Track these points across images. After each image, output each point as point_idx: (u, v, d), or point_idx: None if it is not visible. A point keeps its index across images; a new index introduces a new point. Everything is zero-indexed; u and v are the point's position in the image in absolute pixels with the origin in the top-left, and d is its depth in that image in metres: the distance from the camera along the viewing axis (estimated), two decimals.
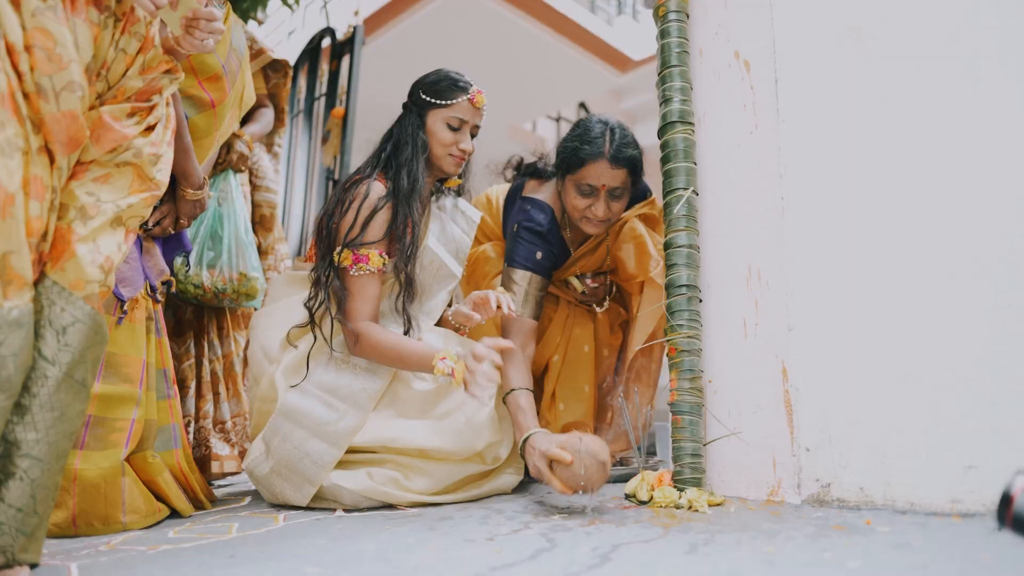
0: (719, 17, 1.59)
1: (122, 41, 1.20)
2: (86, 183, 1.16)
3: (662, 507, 1.37)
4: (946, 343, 1.20)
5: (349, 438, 1.54)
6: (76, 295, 1.08)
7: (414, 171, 1.69)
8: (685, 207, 1.51)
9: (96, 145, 1.17)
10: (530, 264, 1.89)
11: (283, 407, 1.56)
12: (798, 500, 1.30)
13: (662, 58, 1.60)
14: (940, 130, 1.27)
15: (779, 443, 1.35)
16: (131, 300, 1.47)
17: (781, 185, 1.42)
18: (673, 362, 1.47)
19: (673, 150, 1.54)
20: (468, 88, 1.72)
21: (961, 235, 1.22)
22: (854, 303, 1.30)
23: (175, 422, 1.62)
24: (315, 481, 1.52)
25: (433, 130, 1.73)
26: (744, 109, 1.51)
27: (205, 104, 1.68)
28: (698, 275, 1.51)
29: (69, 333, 1.07)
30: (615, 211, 1.86)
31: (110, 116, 1.18)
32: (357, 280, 1.61)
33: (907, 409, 1.22)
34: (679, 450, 1.44)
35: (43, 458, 1.03)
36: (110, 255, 1.14)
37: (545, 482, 1.39)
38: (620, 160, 1.79)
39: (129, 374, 1.45)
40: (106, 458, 1.39)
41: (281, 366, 1.63)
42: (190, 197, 1.66)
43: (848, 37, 1.38)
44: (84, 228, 1.12)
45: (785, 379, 1.36)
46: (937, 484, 1.16)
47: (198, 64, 1.64)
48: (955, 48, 1.27)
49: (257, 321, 1.77)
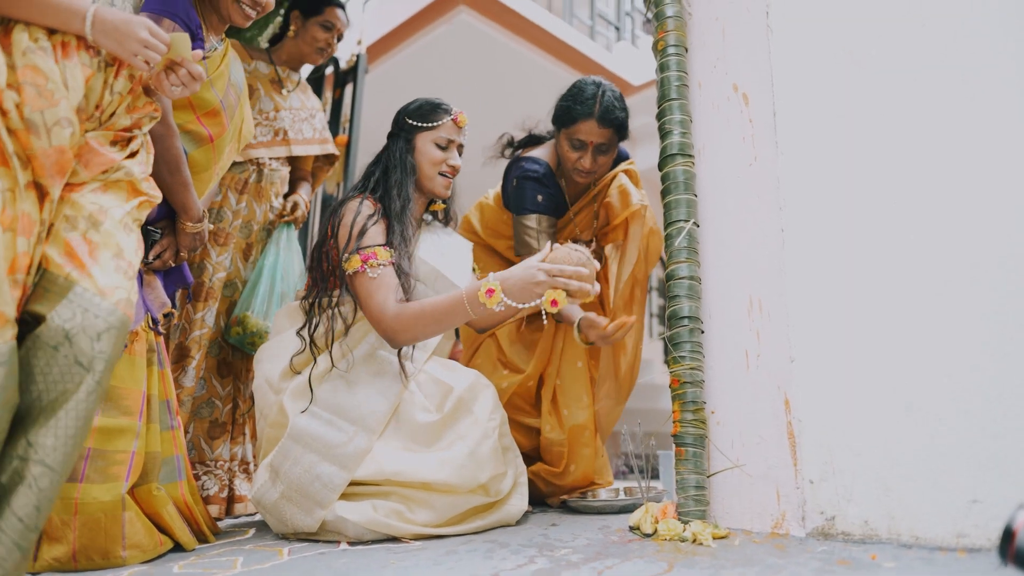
0: (717, 50, 1.61)
1: (116, 85, 1.26)
2: (86, 194, 1.21)
3: (667, 540, 1.36)
4: (948, 374, 1.21)
5: (359, 460, 1.54)
6: (108, 300, 1.11)
7: (404, 191, 1.78)
8: (686, 239, 1.52)
9: (86, 169, 1.22)
10: (537, 207, 2.13)
11: (293, 430, 1.57)
12: (803, 533, 1.30)
13: (661, 91, 1.62)
14: (937, 158, 1.28)
15: (783, 475, 1.35)
16: (131, 333, 1.48)
17: (780, 216, 1.43)
18: (676, 393, 1.48)
19: (674, 182, 1.56)
20: (451, 110, 1.88)
21: (961, 265, 1.23)
22: (855, 333, 1.31)
23: (179, 453, 1.62)
24: (325, 504, 1.51)
25: (423, 151, 1.85)
26: (743, 141, 1.53)
27: (203, 139, 1.71)
28: (700, 306, 1.52)
29: (103, 339, 1.10)
30: (601, 164, 2.12)
31: (96, 142, 1.23)
32: (373, 279, 1.63)
33: (910, 441, 1.22)
34: (683, 482, 1.44)
35: (55, 468, 1.04)
36: (131, 260, 1.19)
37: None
38: (607, 121, 2.05)
39: (128, 406, 1.46)
40: (107, 491, 1.39)
41: (288, 391, 1.64)
42: (190, 230, 1.68)
43: (845, 69, 1.39)
44: (98, 234, 1.17)
45: (788, 410, 1.36)
46: (942, 518, 1.16)
47: (196, 100, 1.68)
48: (954, 82, 1.29)
49: (260, 355, 1.78)
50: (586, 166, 2.09)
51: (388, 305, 1.61)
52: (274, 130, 2.35)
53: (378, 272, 1.64)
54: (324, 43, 2.43)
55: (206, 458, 2.10)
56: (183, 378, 2.03)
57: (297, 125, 2.42)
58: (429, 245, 1.88)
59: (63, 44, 1.20)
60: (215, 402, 2.14)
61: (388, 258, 1.66)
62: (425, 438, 1.62)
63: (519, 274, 1.52)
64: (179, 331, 2.08)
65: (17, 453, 1.02)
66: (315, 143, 2.48)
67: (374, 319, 1.63)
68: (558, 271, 1.50)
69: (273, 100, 2.37)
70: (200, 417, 2.11)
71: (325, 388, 1.63)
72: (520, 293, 1.51)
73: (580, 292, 1.51)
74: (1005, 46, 1.26)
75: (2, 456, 1.02)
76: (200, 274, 2.12)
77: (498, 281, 1.53)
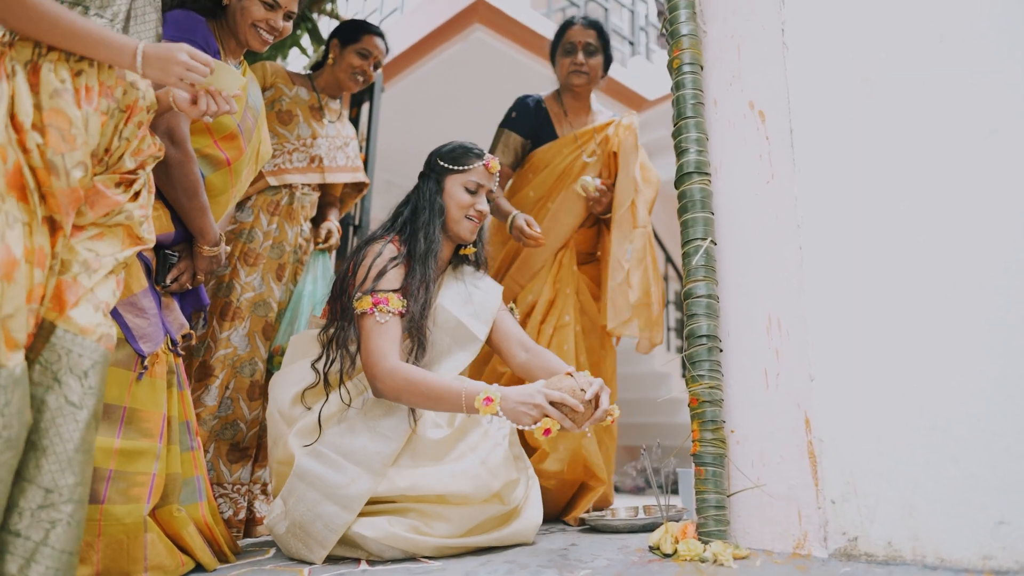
0: (733, 67, 1.62)
1: (126, 131, 1.32)
2: (83, 240, 1.26)
3: (687, 560, 1.35)
4: (972, 394, 1.19)
5: (361, 502, 1.53)
6: (90, 339, 1.16)
7: (431, 233, 1.78)
8: (704, 257, 1.52)
9: (92, 210, 1.27)
10: (508, 122, 2.60)
11: (297, 469, 1.57)
12: (825, 554, 1.28)
13: (677, 109, 1.63)
14: (955, 174, 1.27)
15: (804, 495, 1.34)
16: (151, 356, 1.50)
17: (798, 234, 1.42)
18: (695, 412, 1.47)
19: (690, 200, 1.56)
20: (483, 155, 1.87)
21: (985, 283, 1.22)
22: (876, 352, 1.30)
23: (199, 474, 1.63)
24: (326, 544, 1.52)
25: (451, 193, 1.84)
26: (760, 159, 1.53)
27: (221, 163, 1.73)
28: (718, 325, 1.51)
29: (91, 376, 1.16)
30: (592, 66, 2.56)
31: (103, 185, 1.28)
32: (380, 324, 1.63)
33: (934, 461, 1.20)
34: (703, 502, 1.43)
35: (82, 500, 1.11)
36: (107, 300, 1.24)
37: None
38: (588, 23, 2.59)
39: (149, 429, 1.47)
40: (128, 513, 1.40)
41: (295, 428, 1.65)
42: (207, 254, 1.70)
43: (861, 85, 1.39)
44: (89, 280, 1.22)
45: (808, 430, 1.35)
46: (968, 539, 1.14)
47: (214, 124, 1.70)
48: (969, 99, 1.28)
49: (274, 382, 1.79)
50: (580, 60, 2.52)
51: (389, 356, 1.60)
52: (310, 156, 2.39)
53: (386, 318, 1.63)
54: (360, 70, 2.47)
55: (224, 480, 2.11)
56: (205, 396, 2.04)
57: (332, 153, 2.47)
58: (454, 293, 1.86)
59: (87, 88, 1.25)
60: (239, 424, 2.13)
61: (399, 307, 1.66)
62: (436, 452, 1.63)
63: (519, 395, 1.49)
64: (204, 349, 2.10)
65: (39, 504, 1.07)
66: (348, 171, 2.53)
67: (368, 363, 1.62)
68: (559, 399, 1.46)
69: (311, 127, 2.41)
70: (222, 438, 2.11)
71: (332, 427, 1.64)
72: (515, 412, 1.48)
73: (572, 428, 1.48)
74: (1018, 60, 1.25)
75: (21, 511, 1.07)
76: (228, 293, 2.14)
77: (499, 394, 1.50)
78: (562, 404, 1.46)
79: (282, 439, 1.67)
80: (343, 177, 2.51)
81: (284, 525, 1.58)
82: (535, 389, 1.49)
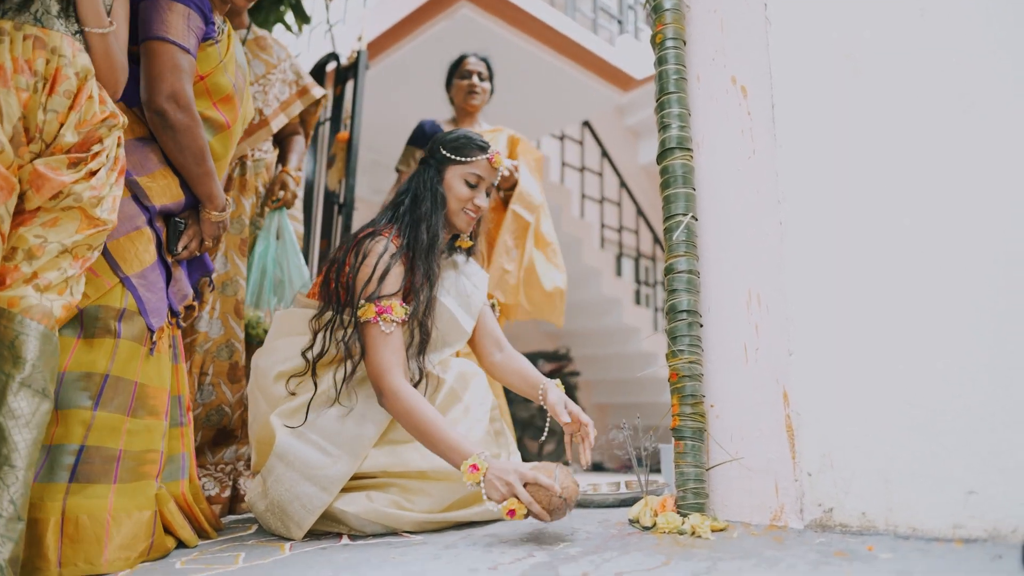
0: (715, 42, 1.61)
1: (51, 103, 1.25)
2: (34, 227, 1.24)
3: (665, 533, 1.37)
4: (947, 368, 1.21)
5: (340, 484, 1.53)
6: (13, 311, 1.17)
7: (433, 226, 1.72)
8: (685, 233, 1.52)
9: (38, 194, 1.24)
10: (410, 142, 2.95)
11: (278, 448, 1.56)
12: (801, 525, 1.30)
13: (660, 84, 1.62)
14: (936, 150, 1.28)
15: (781, 468, 1.35)
16: (158, 330, 1.49)
17: (779, 210, 1.43)
18: (675, 387, 1.48)
19: (672, 176, 1.56)
20: (487, 148, 1.81)
21: (959, 259, 1.22)
22: (854, 327, 1.31)
23: (185, 451, 1.62)
24: (304, 525, 1.52)
25: (451, 185, 1.79)
26: (742, 134, 1.52)
27: (221, 126, 1.70)
28: (698, 300, 1.52)
29: (16, 346, 1.16)
30: (483, 89, 2.97)
31: (45, 167, 1.25)
32: (386, 335, 1.58)
33: (909, 434, 1.22)
34: (682, 475, 1.44)
35: (16, 465, 1.12)
36: (49, 279, 1.23)
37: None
38: (480, 56, 3.02)
39: (155, 406, 1.47)
40: (140, 489, 1.41)
41: (279, 409, 1.63)
42: (215, 219, 1.68)
43: (843, 61, 1.39)
44: (29, 267, 1.21)
45: (786, 404, 1.36)
46: (939, 509, 1.16)
47: (212, 85, 1.66)
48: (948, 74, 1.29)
49: (257, 358, 1.76)
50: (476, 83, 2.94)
51: (393, 374, 1.55)
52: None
53: (391, 328, 1.58)
54: None
55: (206, 462, 2.10)
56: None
57: (267, 97, 2.31)
58: (449, 284, 1.83)
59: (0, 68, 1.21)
60: (224, 408, 2.12)
61: (403, 315, 1.61)
62: None
63: (498, 469, 1.38)
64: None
65: None
66: (295, 100, 2.38)
67: (373, 375, 1.57)
68: (532, 479, 1.34)
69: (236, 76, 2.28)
70: (208, 424, 2.10)
71: (316, 408, 1.62)
72: (490, 484, 1.37)
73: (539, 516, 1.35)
74: (1003, 35, 1.25)
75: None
76: None
77: (487, 465, 1.39)
78: (536, 484, 1.35)
79: (262, 416, 1.66)
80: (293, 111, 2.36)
81: (263, 504, 1.58)
82: (512, 467, 1.38)
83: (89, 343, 1.37)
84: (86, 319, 1.38)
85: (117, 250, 1.45)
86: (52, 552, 1.24)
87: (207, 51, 1.64)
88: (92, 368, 1.36)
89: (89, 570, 1.27)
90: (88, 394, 1.34)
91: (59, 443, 1.30)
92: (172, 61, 1.51)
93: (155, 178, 1.55)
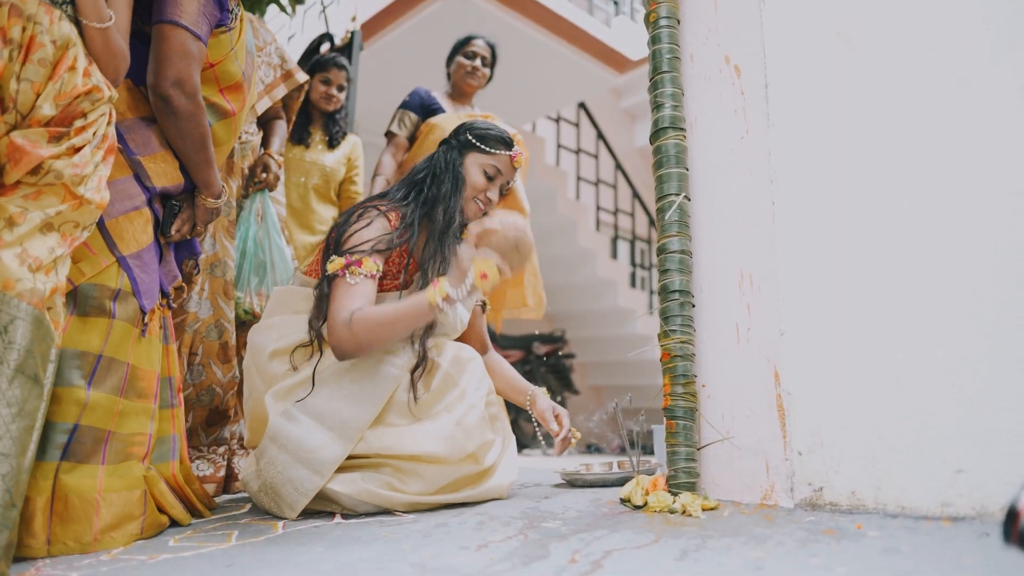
0: (709, 22, 1.60)
1: (25, 72, 1.21)
2: (15, 199, 1.20)
3: (656, 511, 1.38)
4: (937, 348, 1.21)
5: (332, 467, 1.52)
6: (8, 294, 1.14)
7: (451, 208, 1.73)
8: (677, 212, 1.51)
9: (15, 168, 1.20)
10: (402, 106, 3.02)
11: (271, 430, 1.55)
12: (791, 504, 1.31)
13: (653, 64, 1.61)
14: (929, 133, 1.27)
15: (772, 447, 1.36)
16: (149, 312, 1.48)
17: (772, 190, 1.42)
18: (667, 367, 1.48)
19: (665, 156, 1.55)
20: (512, 145, 1.82)
21: (952, 239, 1.22)
22: (845, 307, 1.31)
23: (176, 433, 1.62)
24: (296, 508, 1.52)
25: (469, 171, 1.79)
26: (735, 114, 1.52)
27: (226, 113, 1.68)
28: (691, 280, 1.52)
29: (10, 331, 1.13)
30: (483, 73, 3.08)
31: (23, 139, 1.20)
32: (348, 284, 1.56)
33: (898, 413, 1.22)
34: (673, 455, 1.45)
35: (9, 453, 1.10)
36: (39, 256, 1.19)
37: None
38: (488, 42, 3.09)
39: (144, 388, 1.47)
40: (128, 469, 1.41)
41: (273, 389, 1.62)
42: (210, 206, 1.68)
43: (837, 40, 1.38)
44: (11, 235, 1.17)
45: (777, 383, 1.36)
46: (927, 488, 1.17)
47: (221, 72, 1.64)
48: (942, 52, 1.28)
49: (252, 336, 1.75)
50: (477, 64, 3.05)
51: (348, 308, 1.52)
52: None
53: (357, 280, 1.57)
54: None
55: (200, 443, 2.10)
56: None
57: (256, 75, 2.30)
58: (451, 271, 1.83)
59: None
60: (215, 389, 2.11)
61: (373, 270, 1.59)
62: (412, 414, 1.63)
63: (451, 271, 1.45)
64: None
65: None
66: (279, 84, 2.40)
67: (329, 326, 1.54)
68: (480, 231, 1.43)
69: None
70: (199, 405, 2.09)
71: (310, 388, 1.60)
72: (453, 278, 1.43)
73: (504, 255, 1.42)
74: (998, 13, 1.24)
75: None
76: None
77: (445, 283, 1.48)
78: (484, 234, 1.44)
79: (257, 394, 1.65)
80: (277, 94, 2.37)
81: (257, 484, 1.58)
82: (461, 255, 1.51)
83: (83, 321, 1.36)
84: (80, 296, 1.37)
85: (115, 229, 1.43)
86: (41, 530, 1.24)
87: (219, 38, 1.62)
88: (86, 348, 1.35)
89: (78, 549, 1.28)
90: (81, 373, 1.34)
91: (53, 421, 1.29)
92: (182, 47, 1.50)
93: (156, 160, 1.54)
